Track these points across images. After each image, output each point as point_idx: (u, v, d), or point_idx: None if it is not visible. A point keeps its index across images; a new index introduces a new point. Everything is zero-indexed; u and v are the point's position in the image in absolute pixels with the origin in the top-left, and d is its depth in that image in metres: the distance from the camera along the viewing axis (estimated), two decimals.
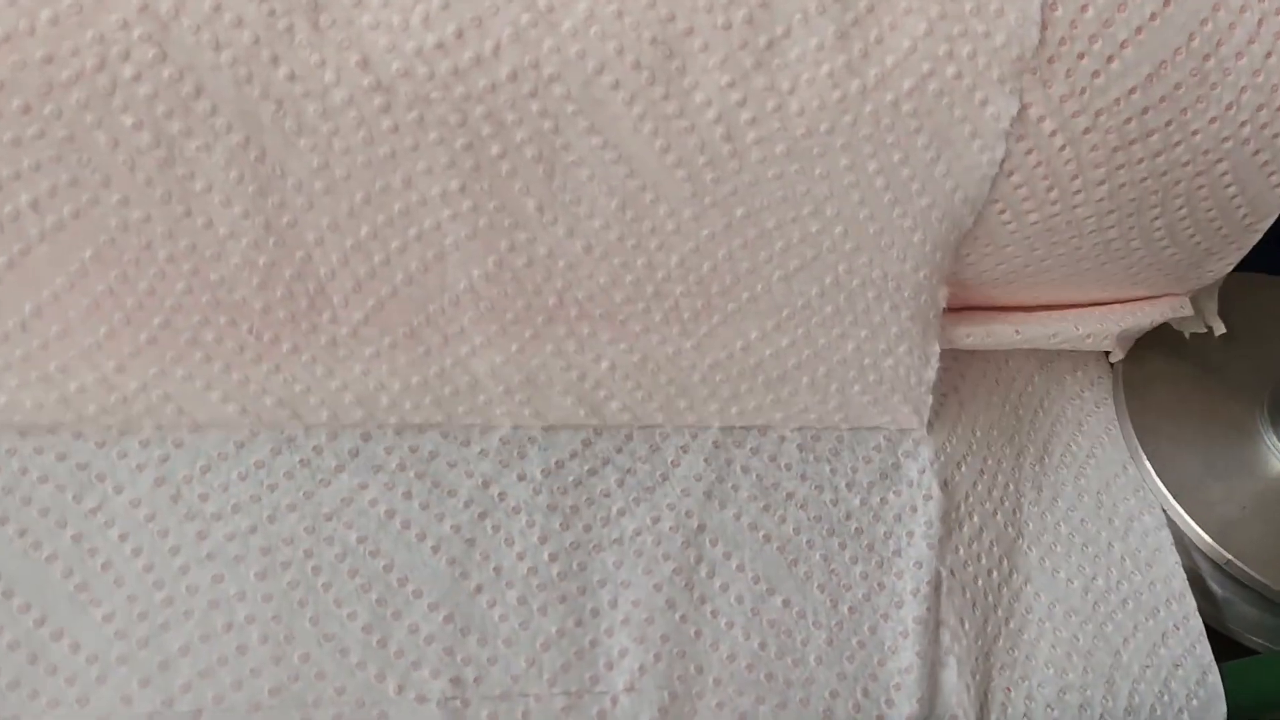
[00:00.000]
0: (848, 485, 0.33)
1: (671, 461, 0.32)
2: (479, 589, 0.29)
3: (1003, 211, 0.30)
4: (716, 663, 0.29)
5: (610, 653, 0.29)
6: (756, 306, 0.31)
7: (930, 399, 0.33)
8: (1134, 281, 0.34)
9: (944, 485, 0.33)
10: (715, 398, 0.32)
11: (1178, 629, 0.33)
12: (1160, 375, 0.40)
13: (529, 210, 0.28)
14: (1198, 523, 0.36)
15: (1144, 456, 0.37)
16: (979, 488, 0.34)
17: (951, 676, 0.30)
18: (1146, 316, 0.35)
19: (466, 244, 0.28)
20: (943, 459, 0.34)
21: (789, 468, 0.32)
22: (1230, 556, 0.35)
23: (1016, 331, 0.34)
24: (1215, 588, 0.37)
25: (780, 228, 0.29)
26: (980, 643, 0.31)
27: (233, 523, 0.28)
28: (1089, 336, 0.34)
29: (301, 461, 0.30)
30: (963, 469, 0.34)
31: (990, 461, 0.35)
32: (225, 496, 0.29)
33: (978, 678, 0.31)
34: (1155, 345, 0.40)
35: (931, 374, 0.33)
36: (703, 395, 0.32)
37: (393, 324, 0.29)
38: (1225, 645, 0.35)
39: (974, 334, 0.33)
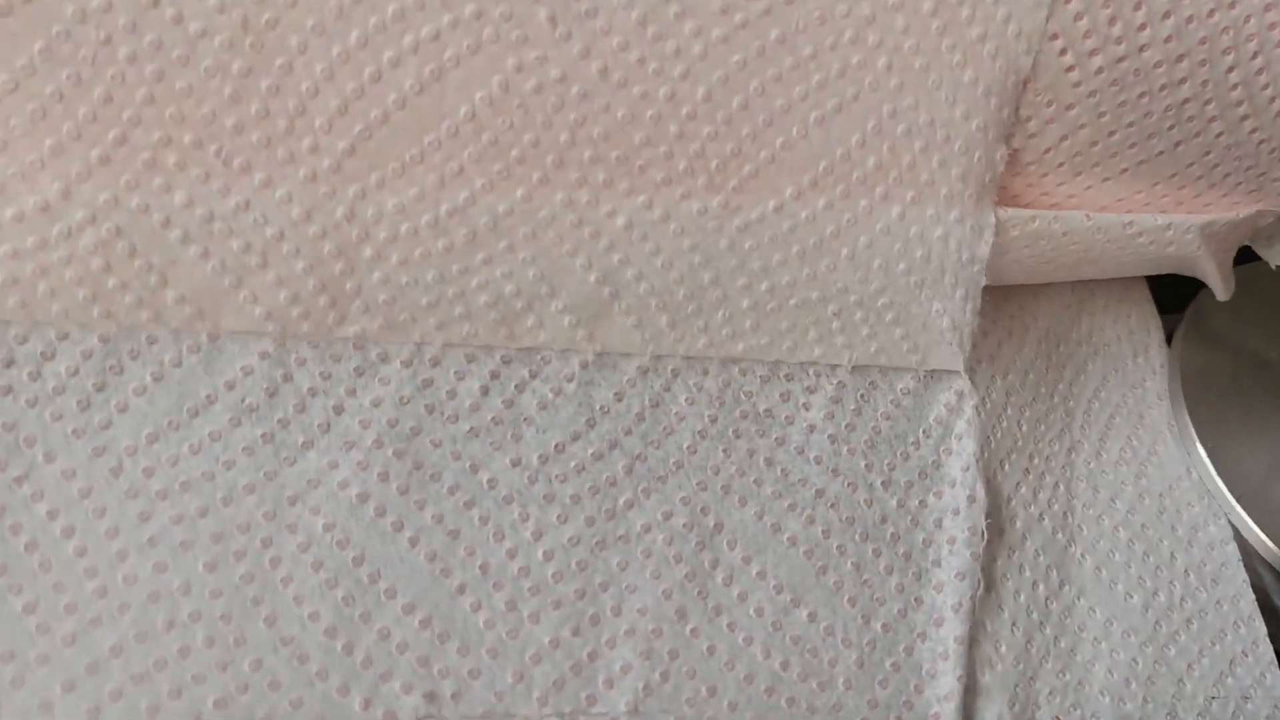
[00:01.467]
0: (884, 484, 0.29)
1: (687, 447, 0.28)
2: (462, 589, 0.25)
3: (1064, 52, 0.27)
4: (732, 684, 0.25)
5: (611, 668, 0.25)
6: (791, 156, 0.27)
7: (983, 280, 0.29)
8: (1211, 180, 0.31)
9: (987, 485, 0.29)
10: (744, 270, 0.28)
11: (1246, 655, 0.29)
12: (1221, 367, 0.36)
13: (539, 20, 0.25)
14: (1261, 528, 0.32)
15: (1203, 454, 0.33)
16: (1023, 489, 0.30)
17: (984, 706, 0.27)
18: (1234, 210, 0.31)
19: (468, 59, 0.25)
20: (987, 454, 0.30)
21: (819, 461, 0.28)
22: None
23: (1088, 217, 0.30)
24: (1279, 603, 0.33)
25: (817, 57, 0.26)
26: (1021, 667, 0.27)
27: (181, 503, 0.24)
28: (1169, 228, 0.30)
29: (264, 436, 0.26)
30: (1006, 467, 0.30)
31: (1038, 460, 0.31)
32: (174, 472, 0.25)
33: (1016, 708, 0.27)
34: (1216, 334, 0.37)
35: (985, 249, 0.29)
36: (730, 266, 0.28)
37: (382, 157, 0.26)
38: None
39: (1041, 218, 0.30)
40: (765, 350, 0.29)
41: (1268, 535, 0.32)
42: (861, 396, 0.30)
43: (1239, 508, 0.32)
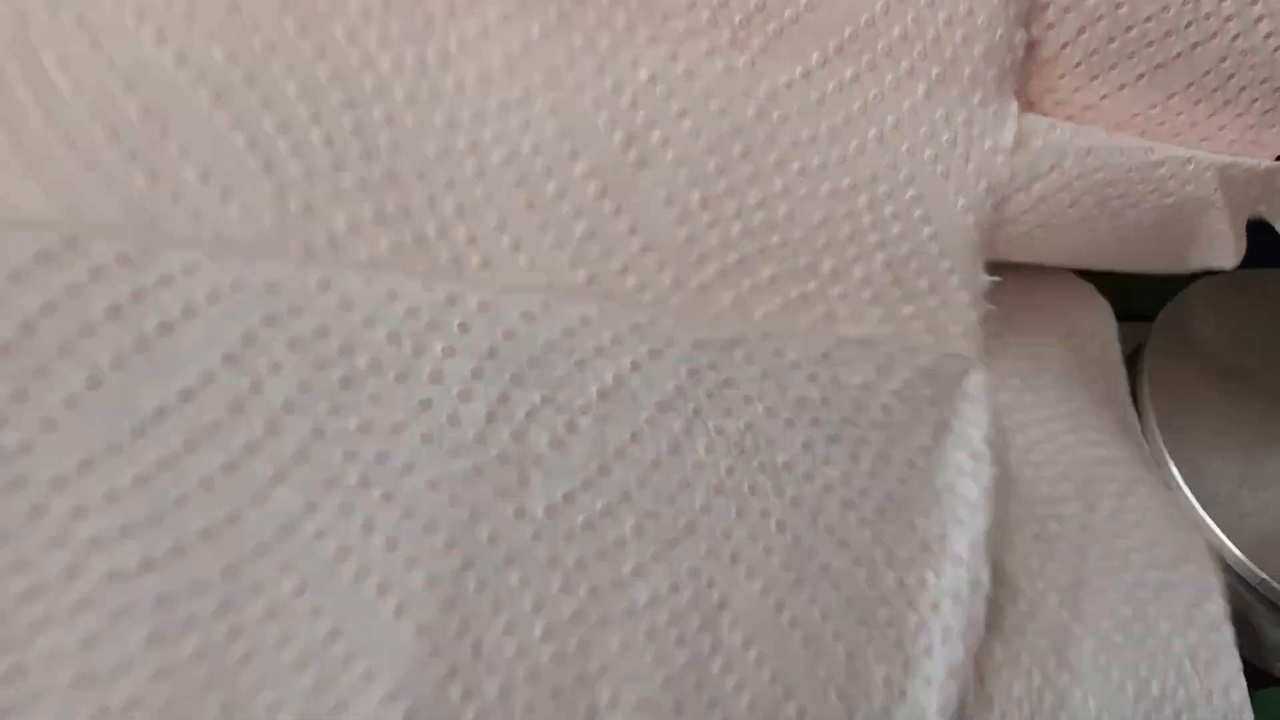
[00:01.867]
0: (887, 560, 0.25)
1: (700, 506, 0.24)
2: (452, 673, 0.20)
3: None
4: None
5: None
6: (815, 17, 0.26)
7: (1006, 175, 0.28)
8: (1227, 94, 0.30)
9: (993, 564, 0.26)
10: (774, 145, 0.26)
11: None
12: (1192, 376, 0.36)
13: None
14: (1230, 537, 0.31)
15: (1170, 462, 0.33)
16: (1033, 560, 0.27)
17: None
18: (1253, 159, 0.31)
19: None
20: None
21: (830, 530, 0.25)
22: (1265, 576, 0.31)
23: (1109, 135, 0.29)
24: (1251, 616, 0.32)
25: None
26: None
27: (119, 555, 0.19)
28: (1190, 161, 0.30)
29: (225, 465, 0.20)
30: (1016, 538, 0.27)
31: (1053, 524, 0.28)
32: (111, 513, 0.19)
33: None
34: (1187, 342, 0.37)
35: (1008, 138, 0.28)
36: (760, 139, 0.26)
37: None
38: (1253, 674, 0.29)
39: (1061, 128, 0.29)
40: (815, 324, 0.26)
41: (1234, 544, 0.31)
42: (880, 455, 0.26)
43: (1206, 516, 0.31)
